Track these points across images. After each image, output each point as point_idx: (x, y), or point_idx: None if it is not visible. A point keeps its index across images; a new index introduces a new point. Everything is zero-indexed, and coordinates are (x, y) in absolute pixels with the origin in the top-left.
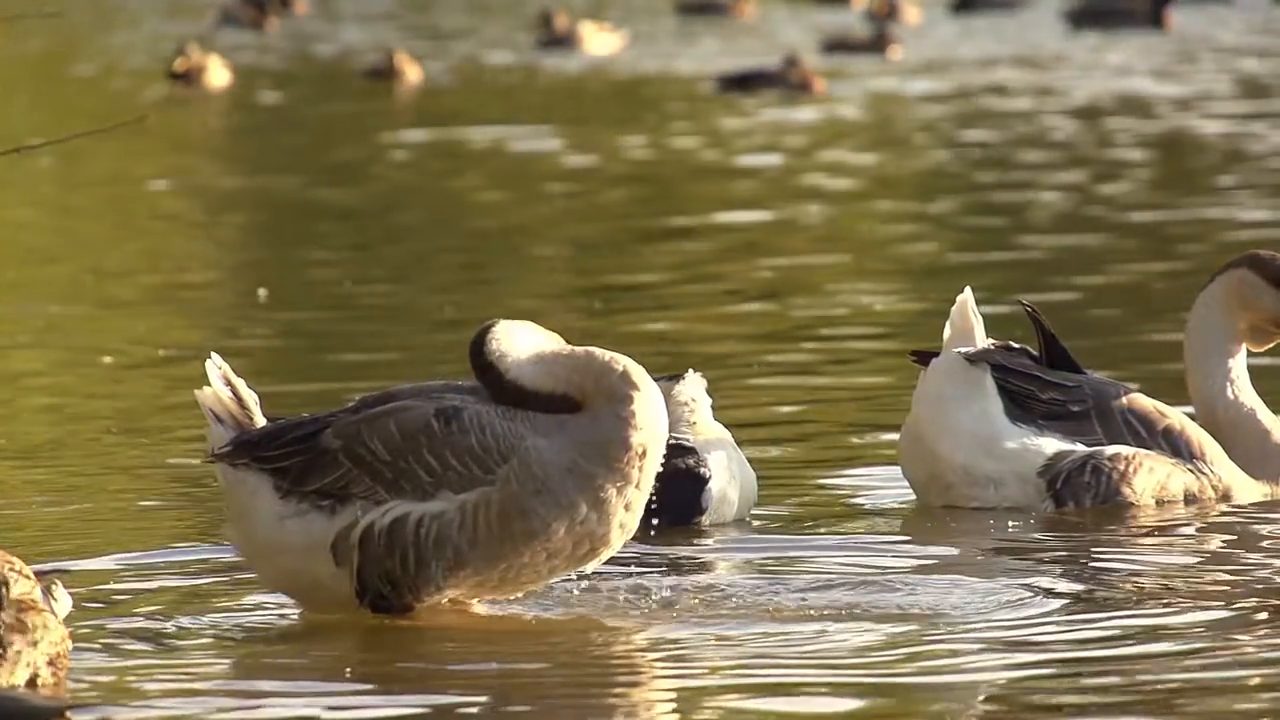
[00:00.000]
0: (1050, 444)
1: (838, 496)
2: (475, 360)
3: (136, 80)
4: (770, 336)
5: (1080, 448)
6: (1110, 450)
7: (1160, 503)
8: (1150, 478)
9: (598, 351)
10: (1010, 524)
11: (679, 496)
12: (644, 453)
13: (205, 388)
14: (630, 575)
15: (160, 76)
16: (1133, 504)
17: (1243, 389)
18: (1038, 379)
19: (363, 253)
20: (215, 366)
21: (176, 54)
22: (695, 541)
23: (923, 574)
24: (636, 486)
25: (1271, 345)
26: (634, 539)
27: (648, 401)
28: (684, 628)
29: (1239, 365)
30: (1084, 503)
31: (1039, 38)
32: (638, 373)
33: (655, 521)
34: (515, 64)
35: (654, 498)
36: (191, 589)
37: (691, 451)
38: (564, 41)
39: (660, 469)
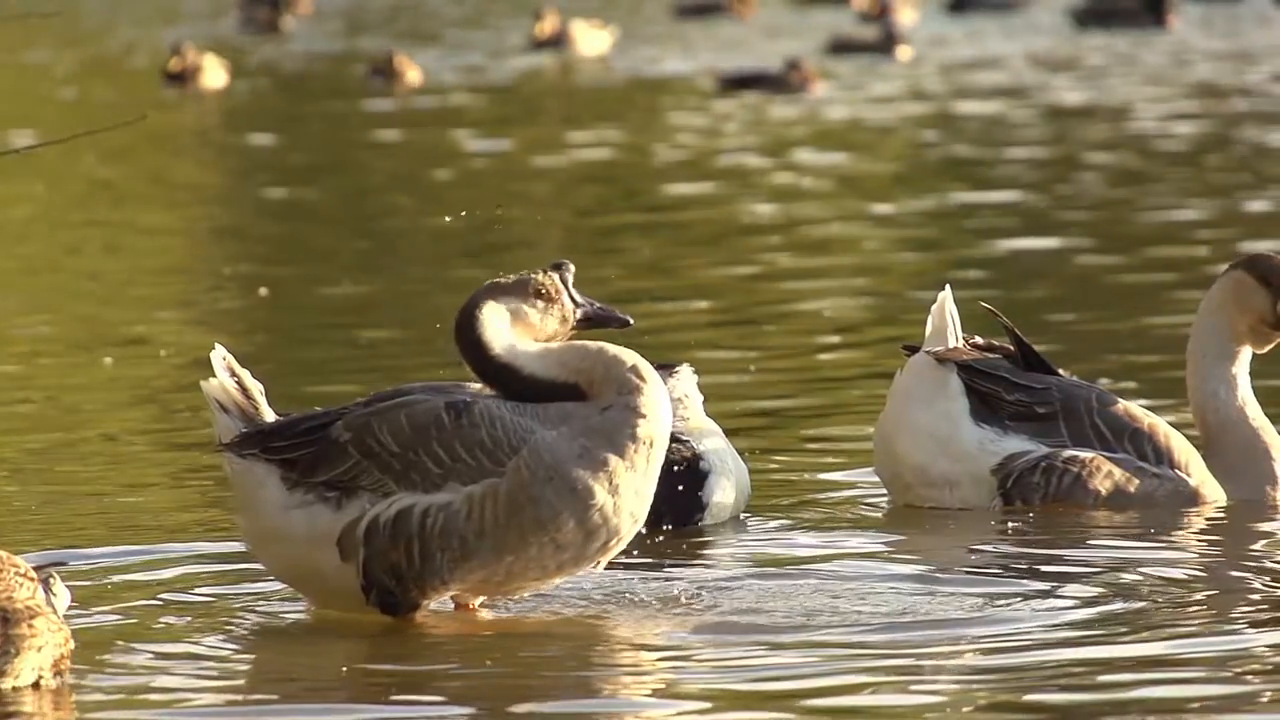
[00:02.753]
0: (1010, 445)
1: (831, 494)
2: (462, 335)
3: (134, 80)
4: (757, 334)
5: (1041, 449)
6: (1067, 452)
7: (1120, 506)
8: (1107, 481)
9: (608, 346)
10: (1010, 524)
11: (679, 494)
12: (651, 443)
13: (210, 379)
14: (628, 576)
15: (156, 76)
16: (1087, 506)
17: (1238, 394)
18: (1005, 380)
19: (360, 252)
20: (220, 357)
21: (172, 54)
22: (692, 541)
23: (920, 574)
24: (644, 475)
25: (1272, 346)
26: (633, 539)
27: (655, 395)
28: (682, 628)
29: (1239, 369)
30: (1032, 501)
31: (1032, 39)
32: (646, 367)
33: (665, 526)
34: (510, 64)
35: (657, 496)
36: (189, 586)
37: (689, 448)
38: (555, 41)
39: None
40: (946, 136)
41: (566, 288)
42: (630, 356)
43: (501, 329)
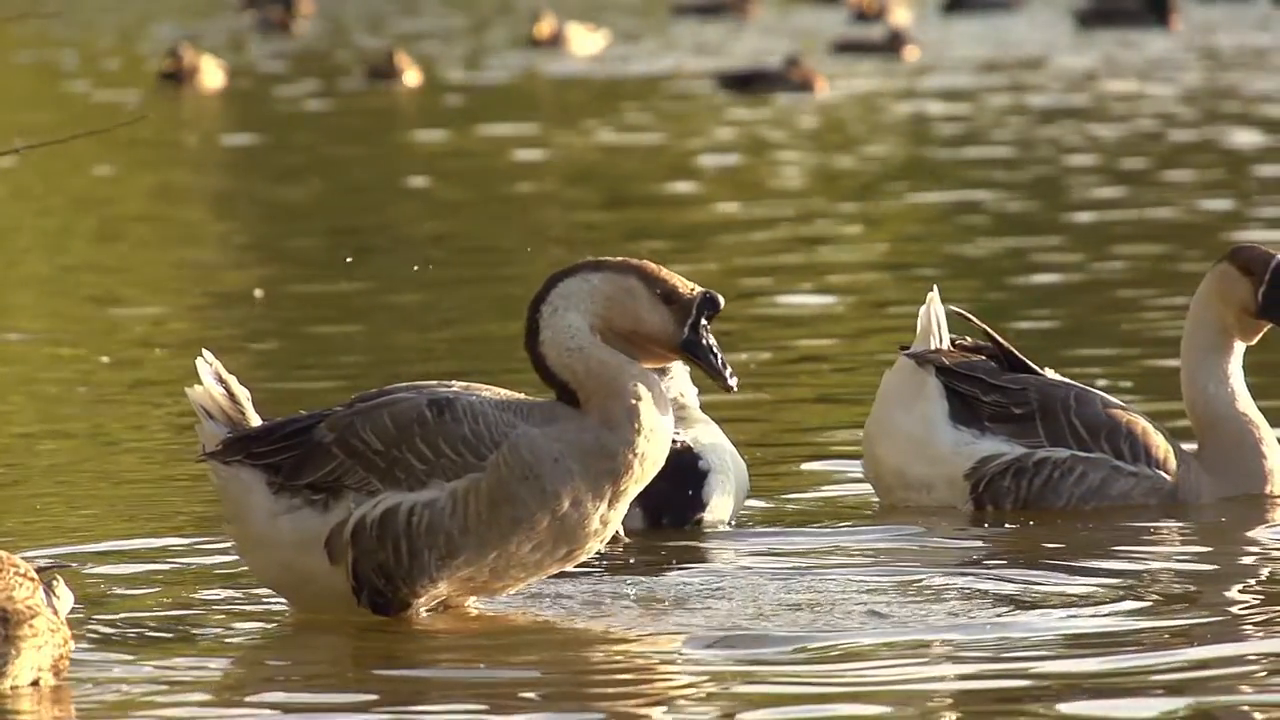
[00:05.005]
0: (985, 447)
1: (831, 493)
2: (549, 278)
3: (131, 80)
4: (747, 333)
5: (1017, 450)
6: (1039, 454)
7: (1096, 507)
8: (1081, 482)
9: (631, 375)
10: (1008, 525)
11: (678, 492)
12: (617, 481)
13: (196, 385)
14: (624, 576)
15: (153, 76)
16: (1059, 508)
17: (1230, 388)
18: (982, 381)
19: (356, 253)
20: (206, 363)
21: (167, 54)
22: (691, 539)
23: (920, 575)
24: (610, 505)
25: (1259, 336)
26: (629, 538)
27: (640, 446)
28: (679, 628)
29: (1232, 363)
30: (1004, 506)
31: (1031, 39)
32: (646, 414)
33: (665, 523)
34: (506, 65)
35: (655, 494)
36: (187, 585)
37: (688, 446)
38: (551, 43)
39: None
40: (941, 136)
41: (698, 314)
42: (639, 396)
43: (575, 298)
